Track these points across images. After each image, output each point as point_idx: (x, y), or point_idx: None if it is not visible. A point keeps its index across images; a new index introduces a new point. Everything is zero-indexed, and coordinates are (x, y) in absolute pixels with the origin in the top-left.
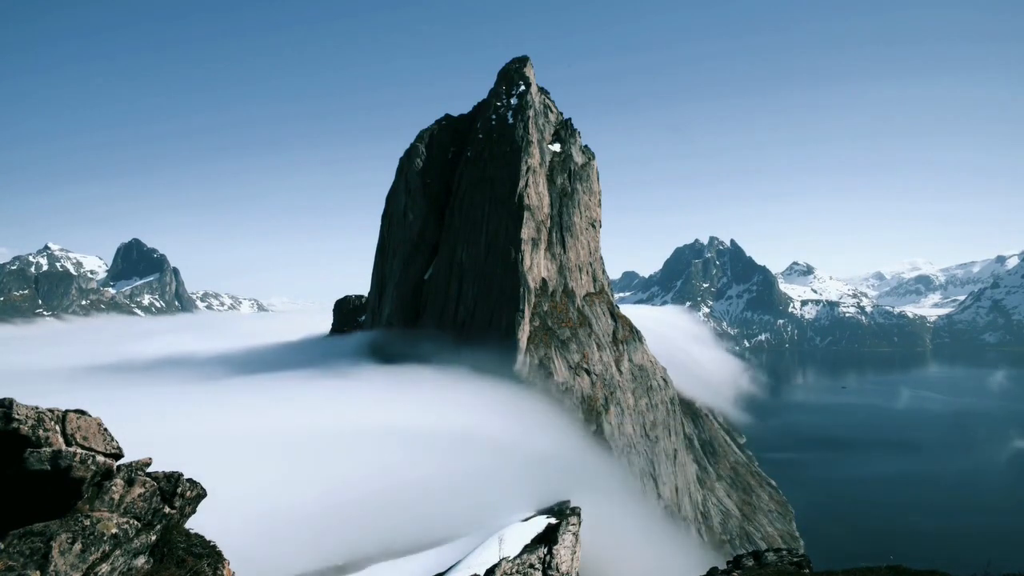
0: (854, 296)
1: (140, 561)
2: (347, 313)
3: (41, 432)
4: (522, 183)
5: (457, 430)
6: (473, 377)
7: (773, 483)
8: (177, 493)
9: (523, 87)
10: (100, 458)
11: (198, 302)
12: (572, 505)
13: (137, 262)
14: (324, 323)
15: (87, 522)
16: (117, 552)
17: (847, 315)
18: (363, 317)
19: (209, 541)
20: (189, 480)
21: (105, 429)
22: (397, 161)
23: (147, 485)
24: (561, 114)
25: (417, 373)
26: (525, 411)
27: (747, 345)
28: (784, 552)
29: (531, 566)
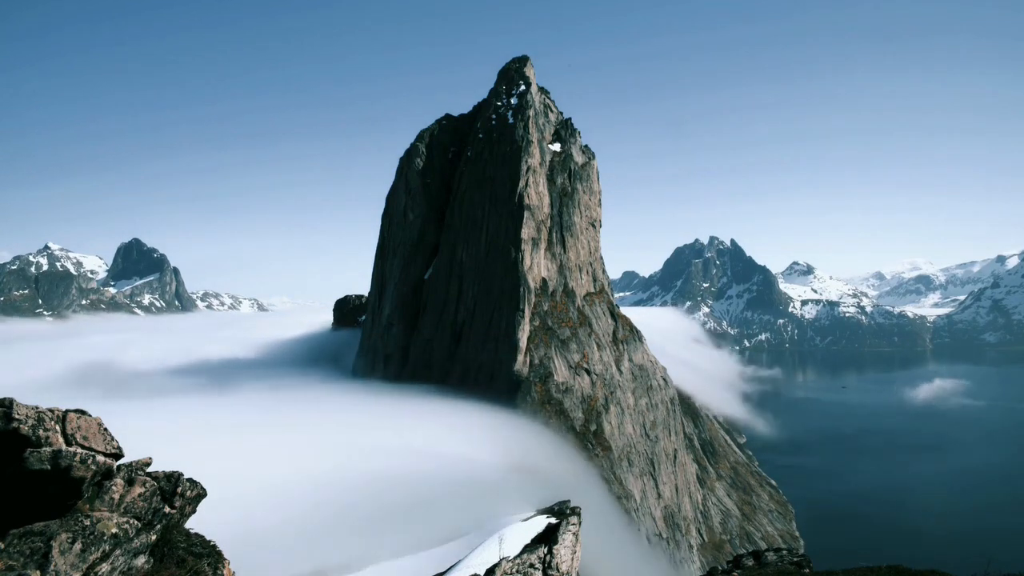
0: (854, 296)
1: (140, 561)
2: (347, 313)
3: (41, 432)
4: (522, 183)
5: (455, 435)
6: (471, 383)
7: (773, 483)
8: (177, 493)
9: (523, 87)
10: (100, 458)
11: (198, 302)
12: (572, 505)
13: (137, 262)
14: (325, 323)
15: (87, 522)
16: (117, 552)
17: (847, 315)
18: (363, 317)
19: (209, 541)
20: (189, 480)
21: (105, 429)
22: (397, 161)
23: (147, 485)
24: (561, 114)
25: (414, 381)
26: (523, 416)
27: (747, 345)
28: (784, 552)
29: (531, 566)
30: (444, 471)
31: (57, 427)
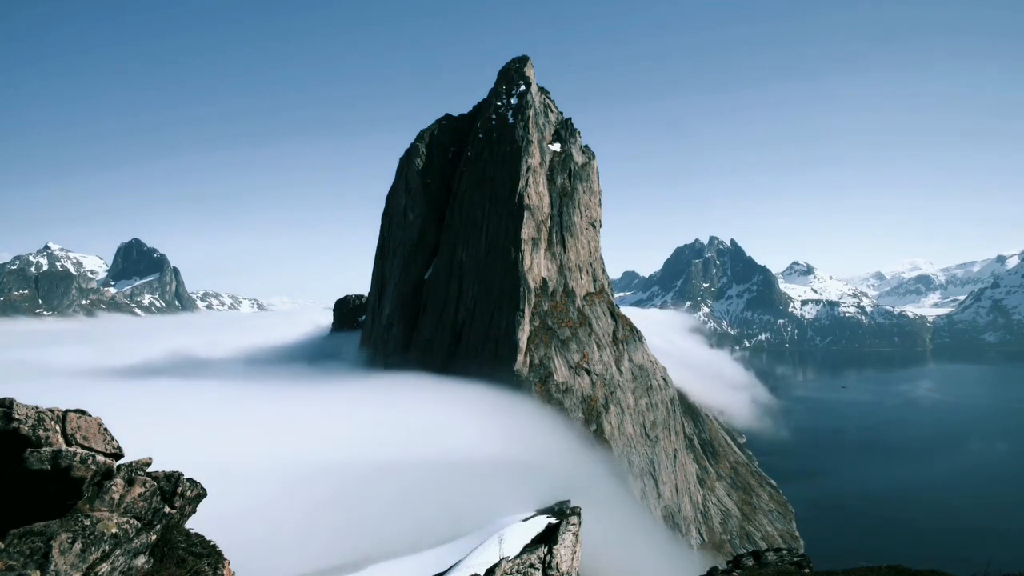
0: (854, 296)
1: (140, 561)
2: (347, 313)
3: (41, 432)
4: (522, 183)
5: (455, 433)
6: (472, 381)
7: (773, 483)
8: (177, 493)
9: (523, 87)
10: (100, 458)
11: (198, 302)
12: (572, 505)
13: (137, 262)
14: (325, 323)
15: (87, 522)
16: (117, 552)
17: (847, 315)
18: (363, 317)
19: (209, 541)
20: (189, 480)
21: (105, 429)
22: (397, 161)
23: (147, 485)
24: (561, 114)
25: (415, 376)
26: (523, 415)
27: (747, 345)
28: (784, 552)
29: (531, 566)
30: (444, 470)
31: (57, 427)
